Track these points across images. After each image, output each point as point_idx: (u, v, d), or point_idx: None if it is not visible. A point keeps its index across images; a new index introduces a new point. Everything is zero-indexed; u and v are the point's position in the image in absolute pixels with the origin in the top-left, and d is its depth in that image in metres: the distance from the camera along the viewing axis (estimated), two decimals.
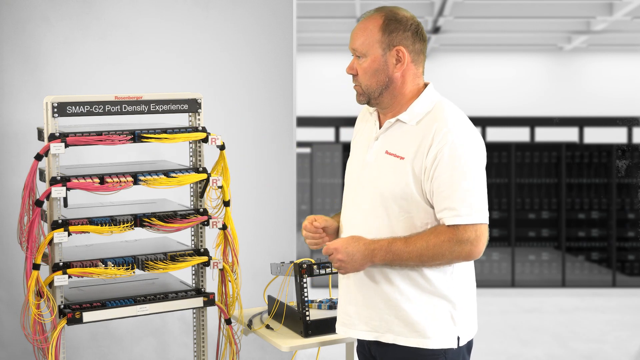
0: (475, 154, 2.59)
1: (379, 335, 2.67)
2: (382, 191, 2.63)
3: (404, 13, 2.67)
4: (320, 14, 10.29)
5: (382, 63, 2.65)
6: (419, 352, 2.62)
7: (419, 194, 2.59)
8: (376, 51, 2.64)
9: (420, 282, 2.62)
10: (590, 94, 14.59)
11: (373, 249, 2.59)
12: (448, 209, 2.55)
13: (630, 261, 9.44)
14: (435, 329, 2.61)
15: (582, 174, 9.51)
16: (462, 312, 2.65)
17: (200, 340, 3.42)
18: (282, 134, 4.80)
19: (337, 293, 3.59)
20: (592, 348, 6.65)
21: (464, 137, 2.58)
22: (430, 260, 2.56)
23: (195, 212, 3.29)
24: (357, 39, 2.67)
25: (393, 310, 2.63)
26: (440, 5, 9.62)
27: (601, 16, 10.21)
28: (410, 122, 2.65)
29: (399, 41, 2.64)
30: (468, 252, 2.56)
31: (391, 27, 2.63)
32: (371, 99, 2.70)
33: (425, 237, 2.56)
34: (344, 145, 9.81)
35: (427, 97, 2.68)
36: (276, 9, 4.75)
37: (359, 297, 2.70)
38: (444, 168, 2.54)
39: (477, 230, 2.55)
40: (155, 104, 3.25)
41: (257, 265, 4.41)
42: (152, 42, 4.64)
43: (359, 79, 2.70)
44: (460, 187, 2.54)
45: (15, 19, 4.51)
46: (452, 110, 2.64)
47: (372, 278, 2.66)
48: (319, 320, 3.08)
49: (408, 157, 2.60)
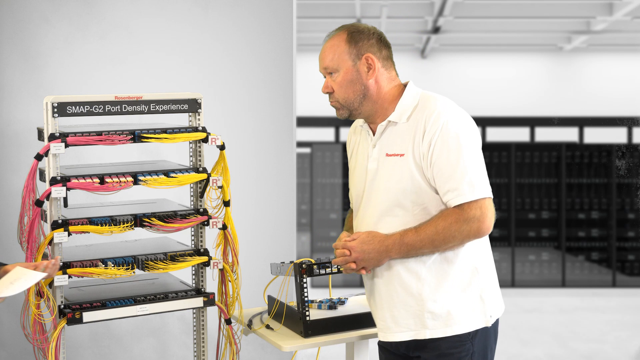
0: (467, 132, 2.67)
1: (415, 333, 2.73)
2: (394, 191, 2.71)
3: (365, 25, 2.82)
4: (320, 14, 10.29)
5: (355, 73, 2.76)
6: (455, 338, 2.70)
7: (426, 184, 2.67)
8: (347, 63, 2.77)
9: (445, 270, 2.69)
10: (590, 94, 14.58)
11: (387, 244, 2.68)
12: (450, 191, 2.63)
13: (630, 261, 9.44)
14: (467, 313, 2.70)
15: (582, 174, 9.51)
16: (488, 288, 2.74)
17: (200, 340, 3.42)
18: (282, 134, 4.80)
19: (336, 293, 3.60)
20: (592, 348, 6.65)
21: (453, 118, 2.67)
22: (443, 244, 2.64)
23: (195, 212, 3.29)
24: (326, 57, 2.81)
25: (424, 306, 2.70)
26: (440, 5, 9.62)
27: (601, 16, 10.21)
28: (401, 120, 2.73)
29: (366, 49, 2.76)
30: (477, 229, 2.63)
31: (356, 38, 2.76)
32: (352, 110, 2.80)
33: (434, 223, 2.64)
34: (344, 145, 9.81)
35: (410, 93, 2.77)
36: (276, 9, 4.75)
37: (390, 301, 2.76)
38: (439, 151, 2.63)
39: (481, 206, 2.63)
40: (155, 104, 3.25)
41: (257, 265, 4.41)
42: (152, 42, 4.64)
43: (336, 95, 2.80)
44: (458, 166, 2.62)
45: (15, 19, 4.51)
46: (437, 97, 2.74)
47: (400, 279, 2.73)
48: (319, 320, 3.07)
49: (408, 152, 2.69)
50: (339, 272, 3.03)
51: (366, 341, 3.18)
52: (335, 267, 3.03)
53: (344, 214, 9.76)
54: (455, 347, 2.71)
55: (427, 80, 14.09)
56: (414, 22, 11.27)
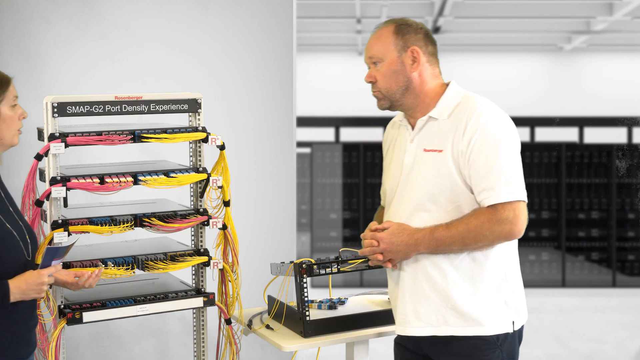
0: (507, 135, 2.69)
1: (436, 330, 2.73)
2: (429, 187, 2.71)
3: (413, 20, 2.82)
4: (320, 14, 10.29)
5: (399, 64, 2.76)
6: (477, 340, 2.69)
7: (462, 182, 2.68)
8: (392, 54, 2.76)
9: (473, 270, 2.69)
10: (590, 94, 14.58)
11: (416, 238, 2.68)
12: (485, 190, 2.63)
13: (630, 261, 9.44)
14: (491, 316, 2.69)
15: (582, 174, 9.51)
16: (515, 296, 2.74)
17: (200, 340, 3.42)
18: (282, 134, 4.80)
19: (336, 293, 3.60)
20: (592, 348, 6.65)
21: (495, 120, 2.68)
22: (473, 243, 2.64)
23: (195, 212, 3.28)
24: (373, 47, 2.80)
25: (448, 303, 2.70)
26: (440, 5, 9.62)
27: (601, 16, 10.21)
28: (442, 117, 2.74)
29: (412, 42, 2.76)
30: (508, 231, 2.63)
31: (403, 31, 2.77)
32: (393, 101, 2.80)
33: (466, 220, 2.64)
34: (344, 145, 9.81)
35: (453, 91, 2.78)
36: (276, 9, 4.75)
37: (414, 295, 2.75)
38: (478, 150, 2.64)
39: (515, 208, 2.63)
40: (155, 104, 3.25)
41: (257, 265, 4.41)
42: (152, 42, 4.64)
43: (379, 85, 2.80)
44: (496, 166, 2.63)
45: (15, 19, 4.51)
46: (480, 98, 2.75)
47: (427, 274, 2.72)
48: (319, 320, 3.07)
49: (446, 149, 2.70)
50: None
51: (366, 341, 3.18)
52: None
53: (344, 214, 9.76)
54: (484, 353, 2.70)
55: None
56: None
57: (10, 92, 2.58)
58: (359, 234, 9.80)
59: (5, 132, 2.59)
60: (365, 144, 9.81)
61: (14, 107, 2.60)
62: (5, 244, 2.53)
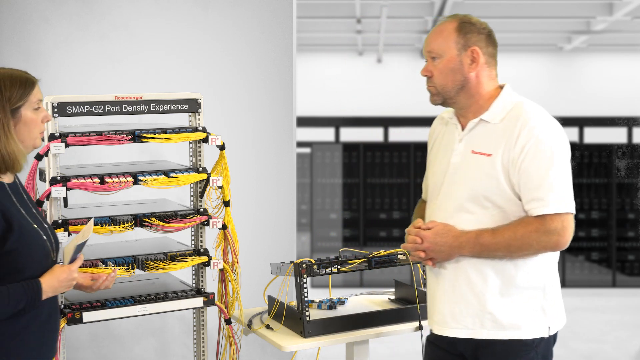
0: (561, 146, 2.68)
1: (472, 332, 2.73)
2: (474, 189, 2.70)
3: (477, 19, 2.81)
4: (320, 14, 10.29)
5: (458, 63, 2.75)
6: (512, 344, 2.70)
7: (510, 188, 2.67)
8: (452, 51, 2.74)
9: (513, 276, 2.69)
10: (590, 94, 14.58)
11: (461, 241, 2.68)
12: (536, 200, 2.63)
13: (630, 261, 9.44)
14: (527, 320, 2.70)
15: (582, 174, 9.51)
16: (552, 302, 2.74)
17: (200, 340, 3.42)
18: (282, 134, 4.80)
19: (336, 293, 3.60)
20: (592, 348, 6.65)
21: (549, 130, 2.68)
22: (518, 251, 2.64)
23: (195, 212, 3.28)
24: (433, 41, 2.77)
25: (486, 307, 2.70)
26: (440, 5, 9.62)
27: (601, 16, 10.21)
28: (494, 121, 2.73)
29: (473, 42, 2.75)
30: (555, 242, 2.64)
31: (466, 29, 2.76)
32: (446, 99, 2.79)
33: (513, 228, 2.64)
34: (344, 145, 9.81)
35: (507, 96, 2.78)
36: (276, 9, 4.75)
37: (452, 296, 2.75)
38: (531, 159, 2.63)
39: (564, 220, 2.63)
40: (155, 104, 3.25)
41: (257, 265, 4.41)
42: (152, 42, 4.64)
43: (435, 80, 2.78)
44: (548, 178, 2.63)
45: (15, 19, 4.51)
46: (534, 107, 2.74)
47: (467, 276, 2.72)
48: (319, 320, 3.07)
49: (496, 153, 2.69)
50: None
51: (366, 341, 3.18)
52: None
53: (344, 214, 9.77)
54: (520, 355, 2.71)
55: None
56: (414, 22, 11.26)
57: (34, 95, 2.58)
58: (359, 234, 9.84)
59: (26, 135, 2.59)
60: (365, 144, 9.81)
61: (37, 110, 2.60)
62: (35, 243, 2.54)
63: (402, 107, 13.40)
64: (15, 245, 2.48)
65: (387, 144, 10.18)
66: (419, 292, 3.19)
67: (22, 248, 2.50)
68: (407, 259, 3.14)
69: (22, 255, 2.50)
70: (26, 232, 2.52)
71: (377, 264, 3.14)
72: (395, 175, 9.74)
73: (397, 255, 3.18)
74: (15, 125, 2.55)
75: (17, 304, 2.47)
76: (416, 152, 9.72)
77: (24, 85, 2.56)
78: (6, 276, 2.49)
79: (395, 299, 3.43)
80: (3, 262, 2.48)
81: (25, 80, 2.57)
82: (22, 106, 2.55)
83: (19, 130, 2.57)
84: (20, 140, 2.57)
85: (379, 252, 3.17)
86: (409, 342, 6.38)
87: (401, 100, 13.76)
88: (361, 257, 3.12)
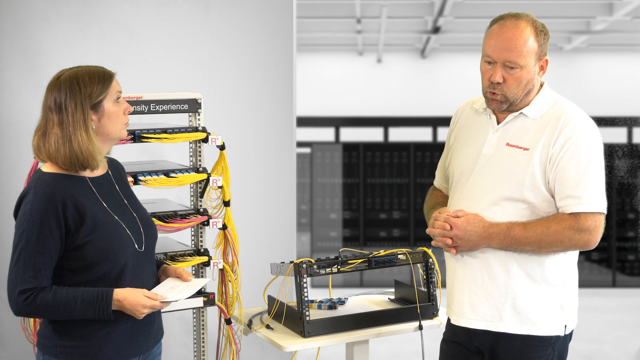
0: (599, 148, 2.72)
1: (489, 324, 2.75)
2: (507, 182, 2.71)
3: (540, 22, 2.78)
4: (320, 14, 10.29)
5: (532, 72, 2.73)
6: (529, 339, 2.72)
7: (544, 184, 2.69)
8: (531, 62, 2.72)
9: (536, 271, 2.71)
10: (590, 94, 14.56)
11: (491, 232, 2.69)
12: (572, 197, 2.65)
13: (630, 261, 9.44)
14: (545, 317, 2.71)
15: None
16: (570, 300, 2.76)
17: (200, 340, 3.42)
18: (282, 134, 4.80)
19: (336, 293, 3.60)
20: (592, 348, 6.65)
21: (589, 131, 2.71)
22: (548, 247, 2.66)
23: (195, 212, 3.29)
24: (513, 50, 2.69)
25: (507, 300, 2.71)
26: (440, 5, 9.62)
27: (601, 16, 10.21)
28: (534, 116, 2.74)
29: (545, 52, 2.75)
30: (586, 240, 2.66)
31: (541, 39, 2.74)
32: (511, 104, 2.76)
33: (546, 224, 2.66)
34: (344, 145, 9.81)
35: (548, 93, 2.79)
36: (276, 9, 4.75)
37: (473, 287, 2.76)
38: (570, 159, 2.66)
39: (597, 219, 2.67)
40: (155, 104, 3.25)
41: (257, 265, 4.41)
42: (152, 42, 4.64)
43: (507, 87, 2.72)
44: (585, 177, 2.65)
45: (15, 19, 4.51)
46: (575, 107, 2.76)
47: (490, 268, 2.73)
48: (319, 320, 3.07)
49: (534, 148, 2.70)
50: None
51: (366, 341, 3.18)
52: None
53: (344, 214, 9.76)
54: (536, 350, 2.72)
55: (427, 80, 14.10)
56: (414, 22, 11.26)
57: (113, 87, 2.59)
58: (359, 234, 9.83)
59: (111, 127, 2.60)
60: (365, 144, 9.81)
61: (118, 102, 2.62)
62: (113, 235, 2.54)
63: (402, 107, 13.40)
64: (90, 237, 2.49)
65: (387, 144, 10.18)
66: (419, 292, 3.19)
67: (97, 240, 2.50)
68: (407, 259, 3.14)
69: (97, 248, 2.50)
70: (101, 224, 2.52)
71: (377, 264, 3.14)
72: (395, 175, 9.75)
73: (397, 255, 3.18)
74: (100, 120, 2.56)
75: (85, 313, 2.47)
76: (416, 152, 9.72)
77: (102, 79, 2.57)
78: (84, 269, 2.50)
79: (395, 299, 3.43)
80: (78, 255, 2.49)
81: (103, 75, 2.59)
82: (104, 100, 2.57)
83: (103, 123, 2.57)
84: (106, 133, 2.59)
85: (379, 252, 3.17)
86: (409, 342, 6.38)
87: (401, 100, 13.77)
88: (361, 257, 3.12)
